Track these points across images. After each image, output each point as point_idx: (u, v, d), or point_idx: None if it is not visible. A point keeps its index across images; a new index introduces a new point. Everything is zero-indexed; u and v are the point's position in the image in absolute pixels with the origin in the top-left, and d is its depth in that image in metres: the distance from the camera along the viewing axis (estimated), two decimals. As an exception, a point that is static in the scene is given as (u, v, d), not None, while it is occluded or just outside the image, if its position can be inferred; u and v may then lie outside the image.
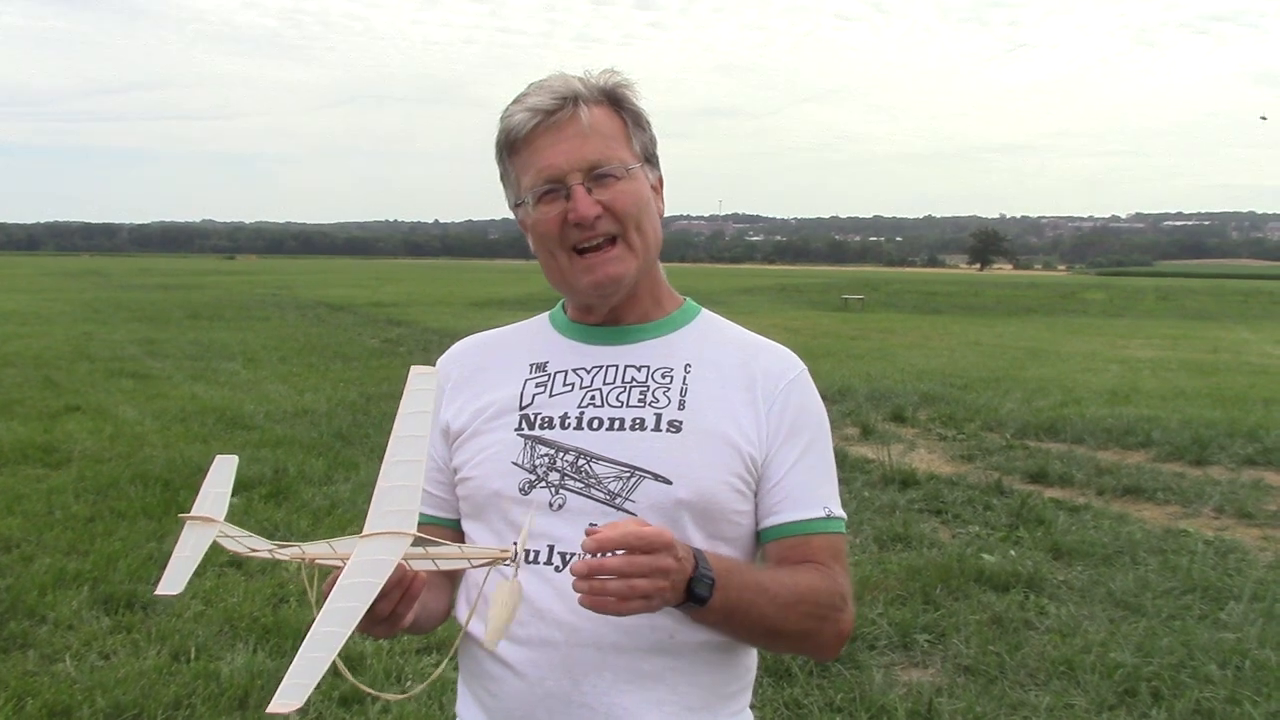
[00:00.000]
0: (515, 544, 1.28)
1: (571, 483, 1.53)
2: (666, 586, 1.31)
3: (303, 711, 4.25)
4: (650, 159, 1.63)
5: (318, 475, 8.23)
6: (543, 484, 1.54)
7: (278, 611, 5.22)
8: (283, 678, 1.11)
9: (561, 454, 1.55)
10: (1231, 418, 11.61)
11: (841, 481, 6.21)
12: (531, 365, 1.65)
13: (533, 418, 1.59)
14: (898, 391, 13.49)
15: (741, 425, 1.56)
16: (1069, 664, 4.80)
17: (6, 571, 5.77)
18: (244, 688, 4.36)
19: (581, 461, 1.53)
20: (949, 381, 14.83)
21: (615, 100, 1.58)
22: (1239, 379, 16.34)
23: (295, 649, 1.91)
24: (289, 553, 1.36)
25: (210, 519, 1.46)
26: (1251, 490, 8.35)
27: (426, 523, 1.66)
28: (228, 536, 1.44)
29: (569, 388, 1.60)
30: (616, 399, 1.58)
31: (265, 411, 11.39)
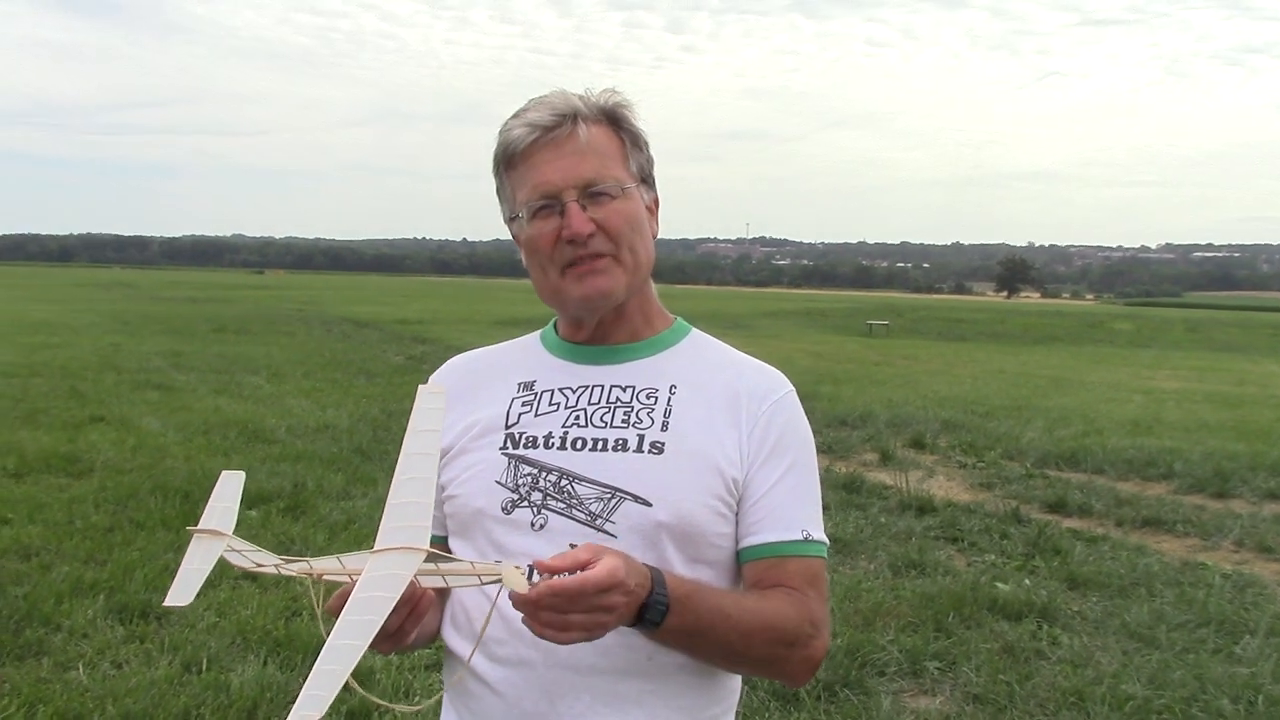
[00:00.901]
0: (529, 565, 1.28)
1: (554, 503, 1.53)
2: (609, 621, 1.29)
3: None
4: (647, 179, 1.64)
5: (336, 490, 8.28)
6: (525, 504, 1.54)
7: (290, 625, 5.25)
8: (293, 690, 1.12)
9: (545, 474, 1.55)
10: (1255, 451, 11.51)
11: (858, 507, 6.26)
12: (519, 384, 1.66)
13: (518, 437, 1.59)
14: (919, 418, 13.44)
15: (724, 447, 1.56)
16: (1079, 694, 4.77)
17: (24, 579, 5.83)
18: (253, 699, 4.38)
19: (564, 482, 1.54)
20: (971, 409, 14.78)
21: (614, 120, 1.59)
22: (1265, 412, 16.20)
23: (306, 662, 1.93)
24: (296, 568, 1.36)
25: (219, 532, 1.47)
26: (1273, 524, 8.27)
27: None
28: (235, 551, 1.44)
29: (554, 407, 1.61)
30: (601, 419, 1.58)
31: (287, 426, 11.46)
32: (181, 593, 1.46)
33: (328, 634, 1.20)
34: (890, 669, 5.04)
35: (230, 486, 1.54)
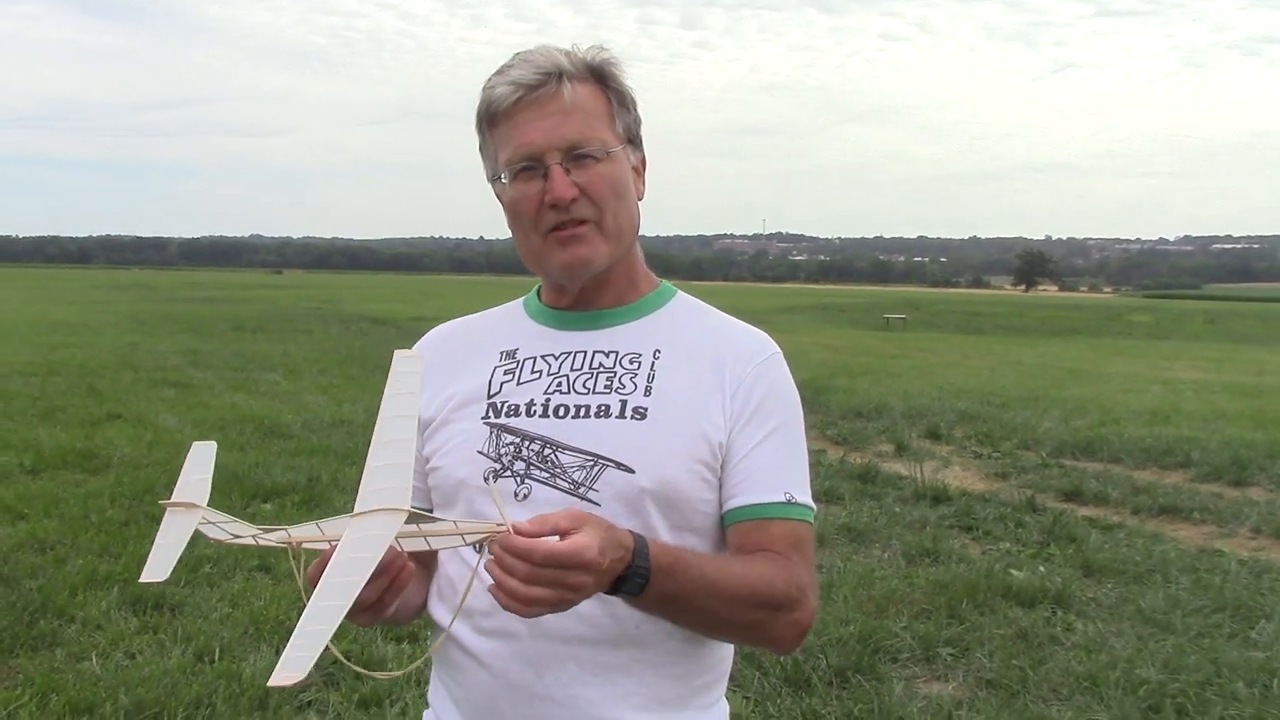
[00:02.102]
0: (504, 522, 1.24)
1: (537, 472, 1.50)
2: (575, 599, 1.24)
3: (322, 712, 4.29)
4: (634, 139, 1.59)
5: (350, 483, 8.28)
6: (508, 473, 1.51)
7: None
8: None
9: (527, 443, 1.52)
10: (1273, 439, 11.43)
11: (872, 497, 6.26)
12: (501, 353, 1.63)
13: (500, 406, 1.56)
14: (934, 409, 13.41)
15: (709, 411, 1.52)
16: (1093, 679, 4.74)
17: (39, 572, 5.86)
18: (265, 688, 4.39)
19: (547, 450, 1.51)
20: (987, 400, 14.73)
21: (601, 78, 1.54)
22: (1284, 401, 16.10)
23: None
24: (275, 536, 1.34)
25: (193, 505, 1.44)
26: (1290, 511, 8.22)
27: None
28: (210, 523, 1.42)
29: (537, 375, 1.58)
30: (583, 386, 1.55)
31: (303, 421, 11.49)
32: (157, 568, 1.42)
33: (309, 600, 1.19)
34: (903, 655, 5.03)
35: (202, 458, 1.50)
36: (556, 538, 1.22)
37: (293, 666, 1.09)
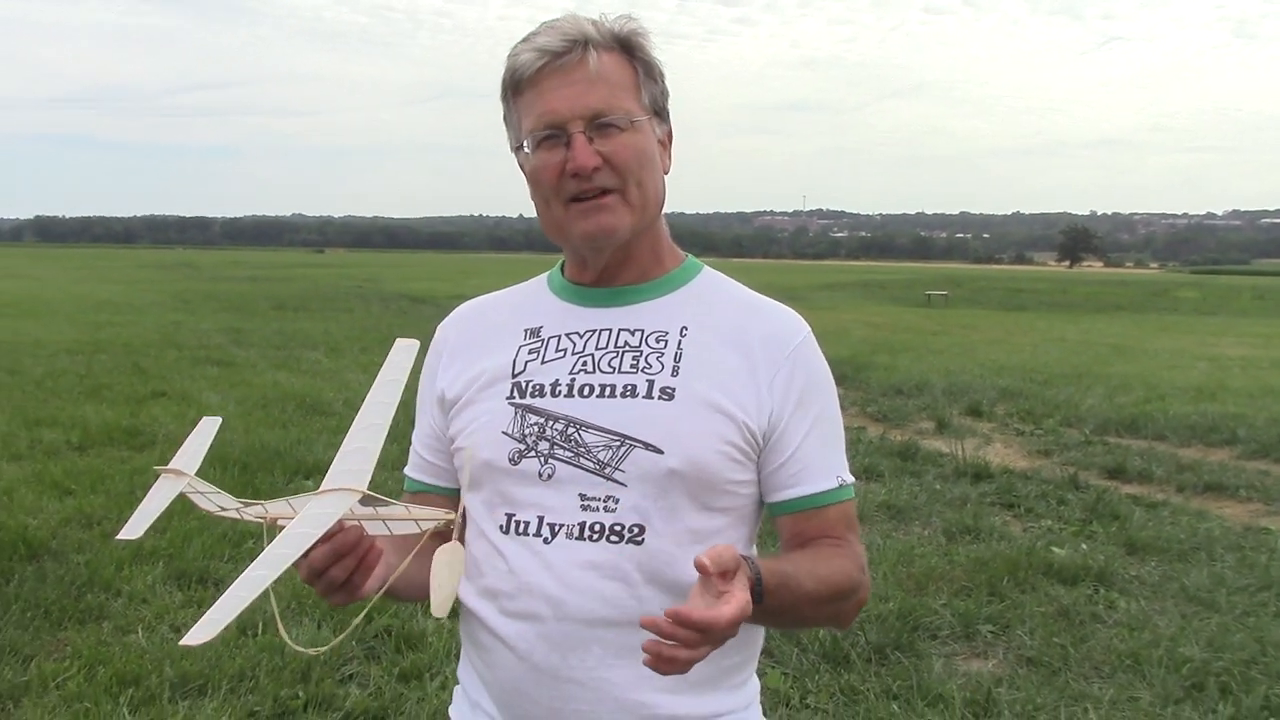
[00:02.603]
0: (460, 509, 1.28)
1: (561, 452, 1.48)
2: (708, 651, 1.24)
3: (364, 685, 4.33)
4: (660, 112, 1.56)
5: (390, 460, 8.20)
6: (532, 454, 1.49)
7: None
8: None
9: (552, 423, 1.50)
10: (1323, 416, 11.27)
11: (912, 474, 6.23)
12: (526, 331, 1.60)
13: (524, 385, 1.54)
14: (976, 386, 13.32)
15: (737, 393, 1.49)
16: (1135, 657, 4.71)
17: (87, 547, 5.96)
18: (307, 661, 4.44)
19: (571, 430, 1.48)
20: (1029, 377, 14.61)
21: (628, 48, 1.51)
22: (1334, 378, 15.85)
23: (356, 623, 1.94)
24: (253, 511, 1.37)
25: (182, 473, 1.48)
26: (1339, 489, 8.10)
27: (428, 491, 1.68)
28: (197, 492, 1.45)
29: (561, 354, 1.55)
30: (609, 365, 1.52)
31: (344, 399, 11.56)
32: (135, 526, 1.48)
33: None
34: (942, 632, 5.01)
35: (206, 430, 1.55)
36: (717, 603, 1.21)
37: (204, 629, 1.13)
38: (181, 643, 1.10)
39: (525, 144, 1.51)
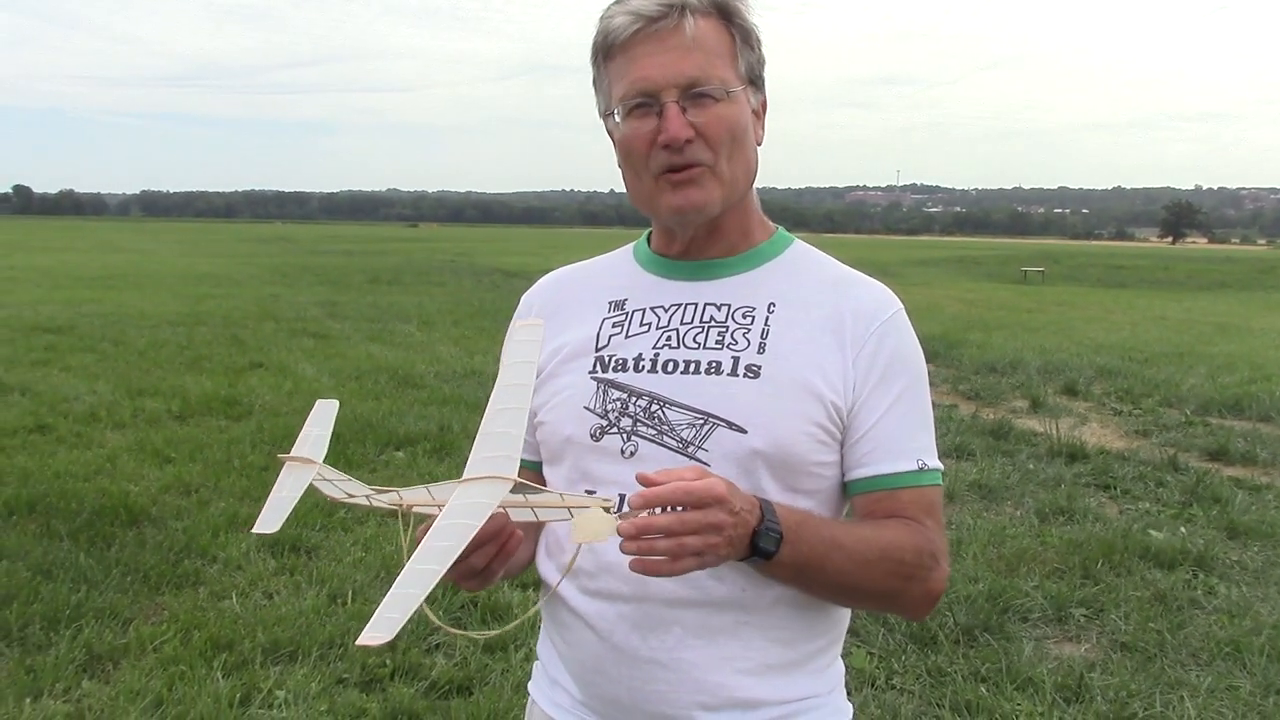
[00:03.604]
0: (611, 498, 1.24)
1: (644, 429, 1.44)
2: (720, 543, 1.21)
3: (449, 655, 4.37)
4: (756, 81, 1.49)
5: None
6: (615, 430, 1.46)
7: (432, 560, 5.36)
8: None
9: (635, 399, 1.46)
10: None
11: (1005, 454, 6.09)
12: (610, 303, 1.56)
13: (607, 360, 1.50)
14: (1072, 365, 13.03)
15: (826, 371, 1.44)
16: (1236, 645, 4.57)
17: (185, 514, 6.10)
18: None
19: (655, 407, 1.44)
20: (1128, 356, 14.26)
21: (726, 13, 1.44)
22: None
23: (443, 596, 1.92)
24: (387, 498, 1.33)
25: (309, 460, 1.43)
26: None
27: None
28: (325, 480, 1.41)
29: (646, 328, 1.51)
30: (694, 340, 1.48)
31: (435, 372, 11.71)
32: (271, 519, 1.42)
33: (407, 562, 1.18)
34: (1034, 615, 4.91)
35: (324, 414, 1.50)
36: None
37: (381, 628, 1.07)
38: (358, 642, 1.06)
39: (616, 111, 1.46)
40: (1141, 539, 5.95)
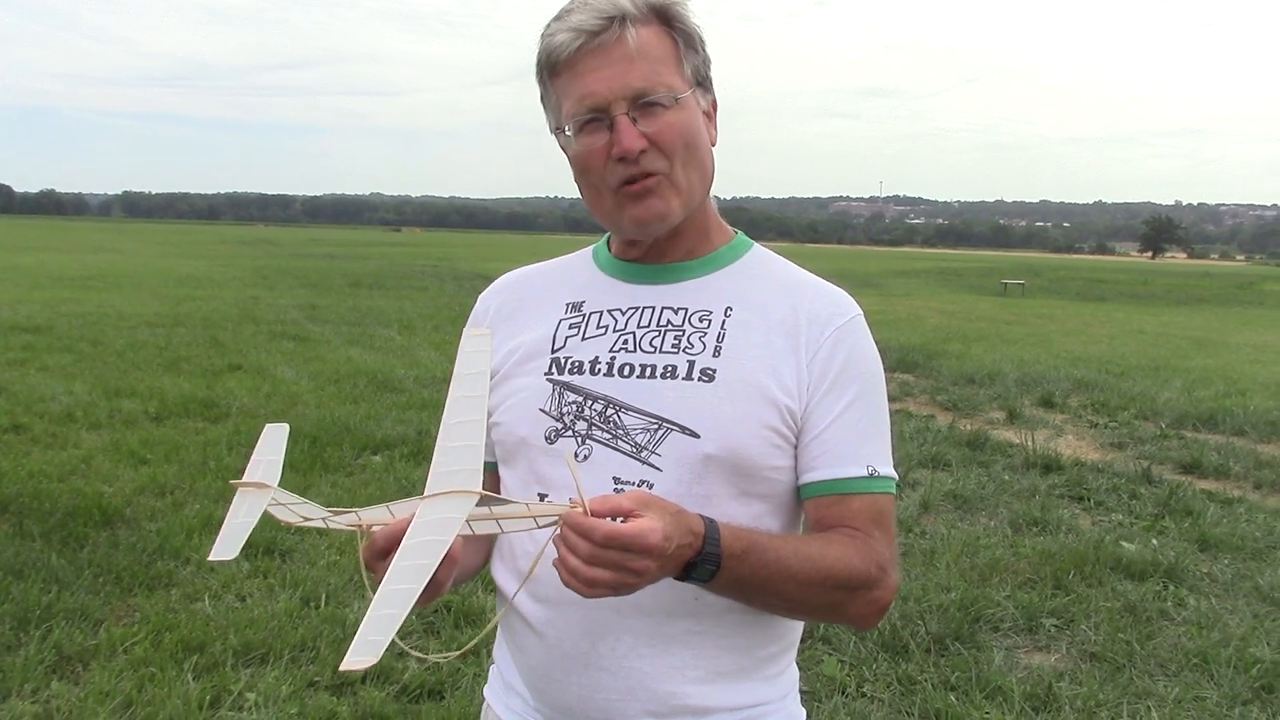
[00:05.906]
0: (578, 497, 1.21)
1: (598, 433, 1.44)
2: (637, 584, 1.20)
3: (420, 659, 4.37)
4: (703, 82, 1.48)
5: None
6: (569, 433, 1.45)
7: (407, 564, 5.36)
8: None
9: (590, 402, 1.46)
10: None
11: (980, 464, 6.10)
12: (568, 305, 1.56)
13: (563, 362, 1.50)
14: (1049, 376, 13.11)
15: (780, 374, 1.44)
16: (1204, 656, 4.61)
17: (159, 515, 6.08)
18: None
19: (610, 411, 1.44)
20: (1105, 368, 14.34)
21: (665, 18, 1.43)
22: None
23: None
24: (345, 520, 1.31)
25: (263, 485, 1.41)
26: None
27: None
28: (280, 504, 1.38)
29: (602, 330, 1.51)
30: (650, 344, 1.47)
31: (415, 376, 11.70)
32: (226, 547, 1.39)
33: (369, 583, 1.18)
34: (1005, 624, 4.94)
35: (275, 439, 1.48)
36: (620, 520, 1.18)
37: (365, 651, 1.07)
38: (343, 666, 1.05)
39: (566, 128, 1.44)
40: (1113, 550, 5.99)
